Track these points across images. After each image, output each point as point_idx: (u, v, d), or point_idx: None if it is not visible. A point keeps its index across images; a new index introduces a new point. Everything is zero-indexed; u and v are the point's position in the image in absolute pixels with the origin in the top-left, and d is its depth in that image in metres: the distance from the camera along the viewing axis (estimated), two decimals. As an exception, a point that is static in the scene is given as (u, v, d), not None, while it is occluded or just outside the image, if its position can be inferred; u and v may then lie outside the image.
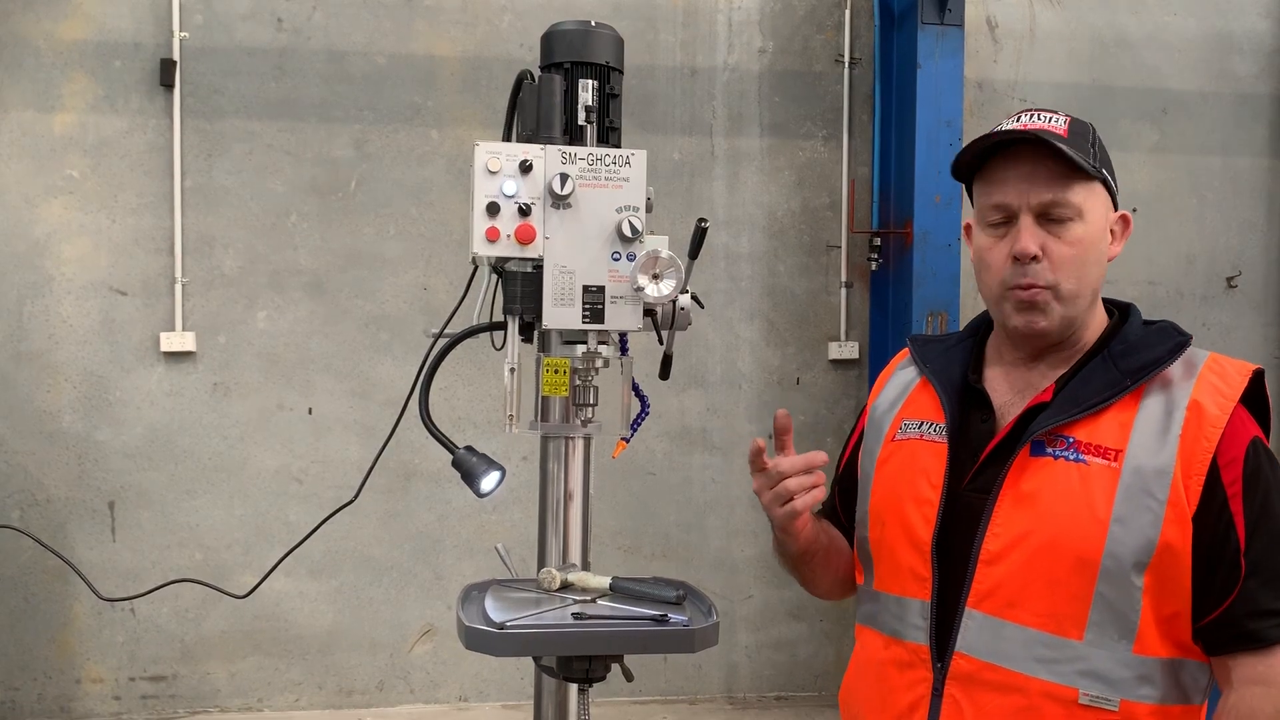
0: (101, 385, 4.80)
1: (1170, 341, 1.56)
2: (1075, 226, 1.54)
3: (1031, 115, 1.58)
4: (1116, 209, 1.62)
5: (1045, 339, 1.59)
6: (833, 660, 5.38)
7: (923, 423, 1.66)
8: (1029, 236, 1.53)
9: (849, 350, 5.33)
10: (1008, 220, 1.56)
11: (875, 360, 5.31)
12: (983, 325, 1.75)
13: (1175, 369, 1.53)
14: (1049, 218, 1.54)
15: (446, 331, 1.95)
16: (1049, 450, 1.52)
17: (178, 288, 4.80)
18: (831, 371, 5.37)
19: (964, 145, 1.60)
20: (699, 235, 1.86)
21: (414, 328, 4.96)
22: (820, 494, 1.63)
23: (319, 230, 4.94)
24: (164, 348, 4.81)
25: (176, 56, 4.77)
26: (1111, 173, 1.60)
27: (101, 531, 4.81)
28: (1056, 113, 1.59)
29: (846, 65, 5.29)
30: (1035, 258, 1.53)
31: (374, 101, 4.96)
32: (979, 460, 1.58)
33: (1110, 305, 1.68)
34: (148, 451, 4.84)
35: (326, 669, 5.00)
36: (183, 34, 4.78)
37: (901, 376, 1.79)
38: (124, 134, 4.78)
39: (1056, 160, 1.53)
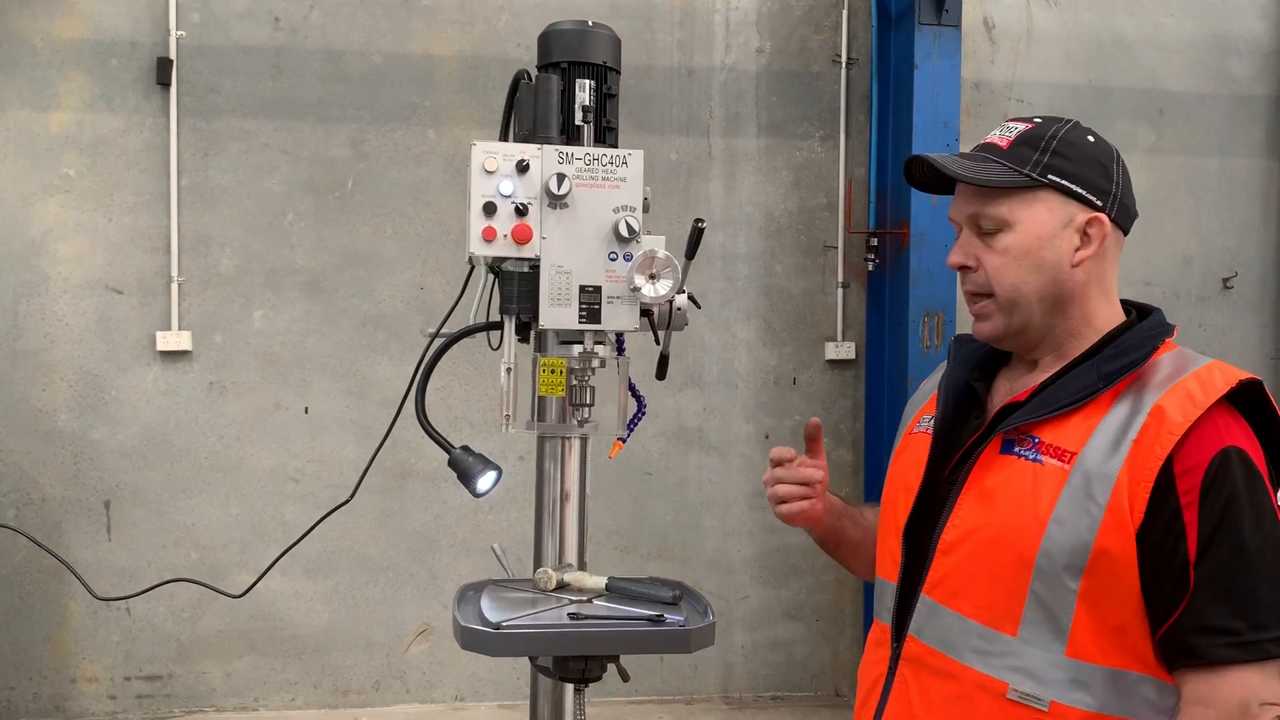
0: (97, 384, 4.79)
1: (1149, 346, 1.54)
2: (1003, 236, 1.57)
3: (1003, 126, 1.63)
4: (1105, 210, 1.57)
5: (1002, 343, 1.65)
6: (829, 660, 5.38)
7: (931, 417, 1.71)
8: (957, 249, 1.63)
9: (846, 350, 5.34)
10: (961, 230, 1.65)
11: (872, 360, 5.31)
12: None
13: (1160, 374, 1.51)
14: (981, 229, 1.60)
15: (443, 331, 1.95)
16: (1016, 449, 1.54)
17: (174, 287, 4.80)
18: (828, 372, 5.37)
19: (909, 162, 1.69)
20: (696, 235, 1.86)
21: (411, 327, 4.95)
22: (806, 506, 1.77)
23: (315, 230, 4.94)
24: (160, 347, 4.80)
25: (173, 55, 4.76)
26: (1080, 176, 1.56)
27: (97, 531, 4.80)
28: (1029, 121, 1.61)
29: (844, 65, 5.30)
30: (966, 268, 1.61)
31: (371, 101, 4.96)
32: (958, 453, 1.63)
33: (1132, 308, 1.67)
34: (143, 451, 4.83)
35: (322, 668, 4.99)
36: (179, 33, 4.77)
37: (937, 374, 1.83)
38: (120, 133, 4.78)
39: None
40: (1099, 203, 1.57)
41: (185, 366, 4.85)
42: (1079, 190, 1.56)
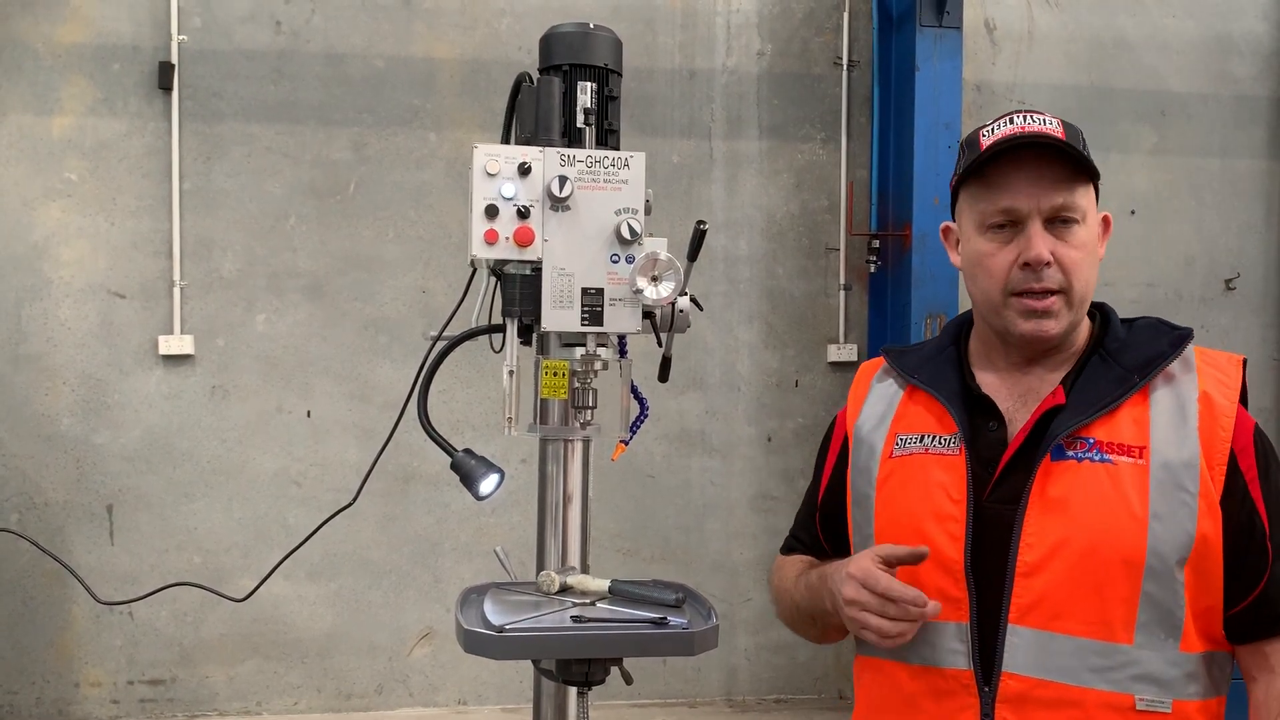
0: (100, 388, 4.79)
1: (1168, 335, 1.56)
2: (1080, 229, 1.52)
3: (1026, 117, 1.55)
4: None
5: (1051, 344, 1.56)
6: (832, 663, 5.37)
7: (924, 435, 1.60)
8: (1042, 242, 1.50)
9: (848, 353, 5.33)
10: (1011, 224, 1.53)
11: (874, 362, 5.30)
12: (962, 331, 1.71)
13: (1174, 363, 1.54)
14: (1056, 221, 1.51)
15: (445, 334, 1.94)
16: (1070, 453, 1.48)
17: (176, 290, 4.80)
18: (830, 374, 5.36)
19: (977, 153, 1.55)
20: (698, 237, 1.85)
21: (413, 330, 4.96)
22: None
23: (317, 233, 4.94)
24: (162, 350, 4.80)
25: (175, 60, 4.77)
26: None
27: (100, 535, 4.80)
28: (1044, 113, 1.56)
29: (845, 68, 5.30)
30: (1048, 263, 1.50)
31: (372, 104, 4.96)
32: (998, 469, 1.52)
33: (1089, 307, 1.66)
34: (146, 455, 4.83)
35: (325, 672, 4.99)
36: (181, 37, 4.78)
37: (882, 389, 1.71)
38: (122, 137, 4.78)
39: (1063, 163, 1.50)
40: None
41: (187, 370, 4.85)
42: (1097, 187, 1.58)
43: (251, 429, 4.90)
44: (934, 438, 1.58)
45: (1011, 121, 1.55)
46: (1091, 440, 1.49)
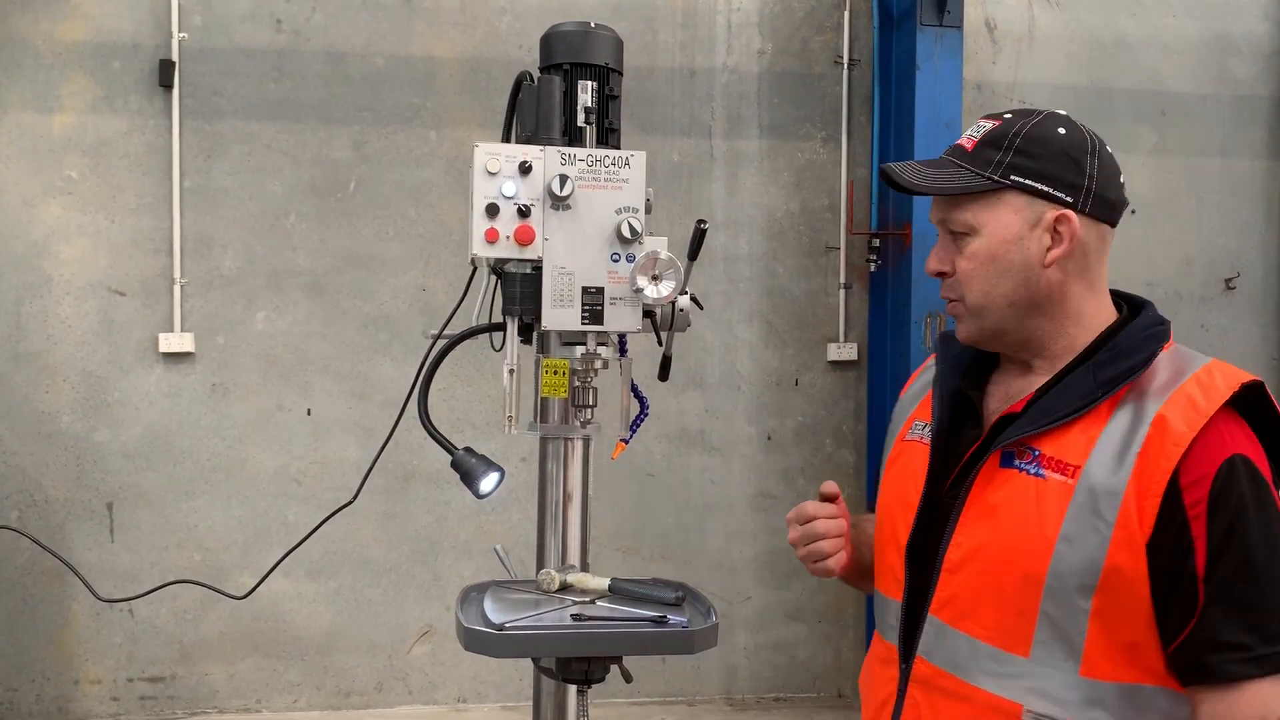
0: (100, 386, 4.80)
1: (1148, 349, 1.48)
2: (971, 241, 1.53)
3: (975, 125, 1.61)
4: (1077, 205, 1.50)
5: (982, 345, 1.62)
6: (831, 662, 5.38)
7: (925, 425, 1.66)
8: (933, 255, 1.60)
9: (848, 352, 5.34)
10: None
11: (874, 362, 5.31)
12: None
13: (1159, 378, 1.45)
14: (952, 233, 1.57)
15: (445, 333, 1.95)
16: (1016, 462, 1.49)
17: (176, 288, 4.80)
18: (830, 373, 5.37)
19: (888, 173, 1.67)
20: (698, 236, 1.85)
21: (413, 329, 4.96)
22: (844, 558, 1.70)
23: (318, 231, 4.94)
24: (163, 348, 4.80)
25: (175, 57, 4.77)
26: (1045, 173, 1.50)
27: (100, 532, 4.81)
28: (997, 119, 1.57)
29: (845, 66, 5.30)
30: (942, 273, 1.58)
31: (373, 103, 4.97)
32: (958, 466, 1.58)
33: (1122, 301, 1.61)
34: (146, 452, 4.83)
35: (325, 670, 4.99)
36: (182, 35, 4.78)
37: (926, 376, 1.77)
38: (123, 135, 4.78)
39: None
40: (1068, 199, 1.49)
41: (188, 368, 4.85)
42: (1044, 188, 1.50)
43: (251, 427, 4.90)
44: (927, 428, 1.66)
45: (963, 133, 1.64)
46: (1037, 452, 1.47)
